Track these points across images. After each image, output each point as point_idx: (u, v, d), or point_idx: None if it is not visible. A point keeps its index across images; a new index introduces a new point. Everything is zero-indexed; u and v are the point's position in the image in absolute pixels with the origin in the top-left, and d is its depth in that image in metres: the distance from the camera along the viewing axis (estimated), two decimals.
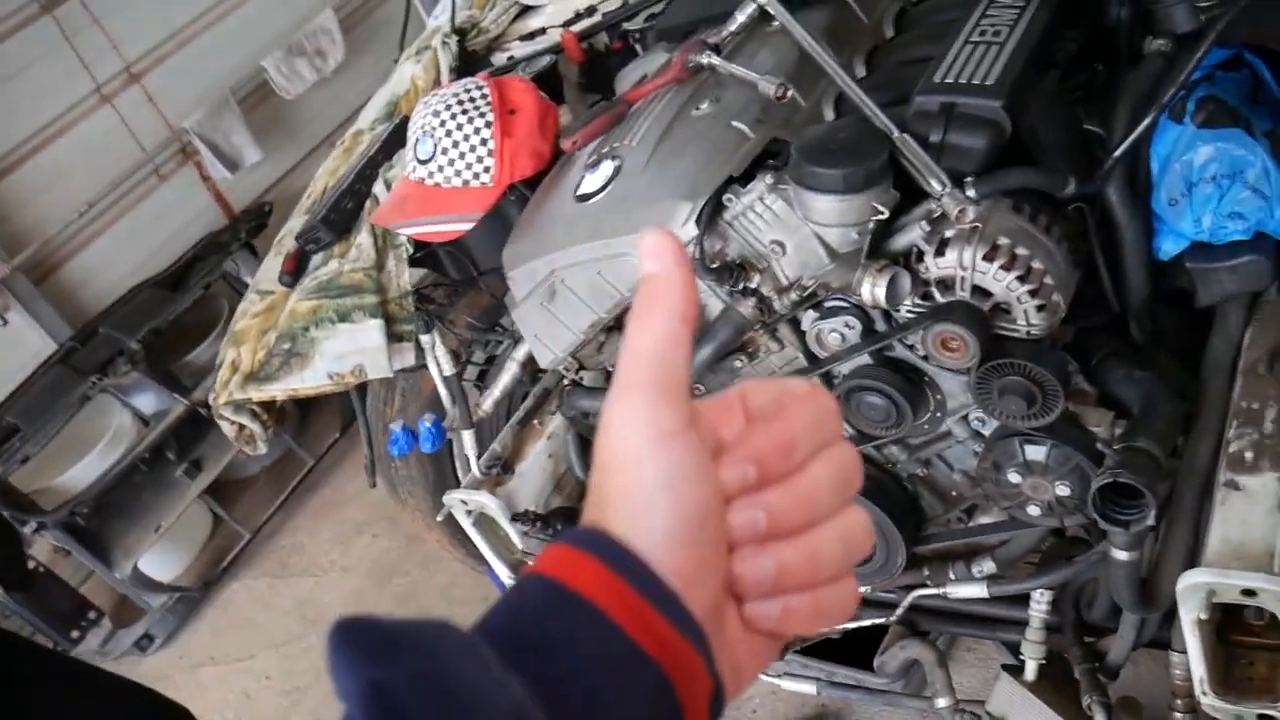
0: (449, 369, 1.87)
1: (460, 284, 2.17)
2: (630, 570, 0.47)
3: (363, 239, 1.95)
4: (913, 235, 1.42)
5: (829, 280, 1.46)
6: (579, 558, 0.48)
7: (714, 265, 1.49)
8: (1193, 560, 1.44)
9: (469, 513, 1.93)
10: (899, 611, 1.76)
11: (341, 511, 3.45)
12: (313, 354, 1.91)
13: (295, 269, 2.03)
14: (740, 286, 1.51)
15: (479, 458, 1.92)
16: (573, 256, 1.61)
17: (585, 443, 1.96)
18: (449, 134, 1.80)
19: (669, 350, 0.51)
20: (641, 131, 1.65)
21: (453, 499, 1.92)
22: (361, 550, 3.27)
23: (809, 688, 1.92)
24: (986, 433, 1.56)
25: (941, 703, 1.75)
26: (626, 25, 2.21)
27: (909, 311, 1.48)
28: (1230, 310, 1.50)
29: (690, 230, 1.48)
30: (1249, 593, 1.18)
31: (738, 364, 1.65)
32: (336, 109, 4.42)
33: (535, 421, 2.01)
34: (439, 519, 1.97)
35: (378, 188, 2.01)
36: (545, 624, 0.47)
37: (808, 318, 1.56)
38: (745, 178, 1.51)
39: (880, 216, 1.41)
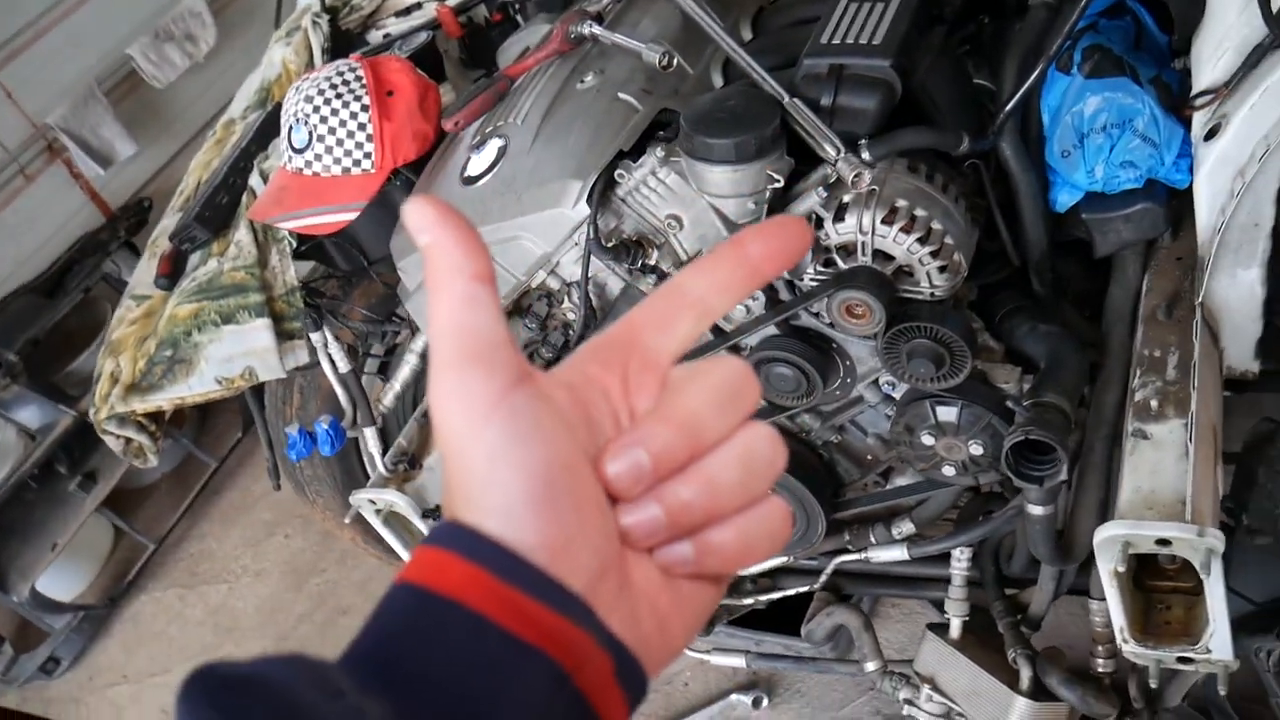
0: (344, 365, 1.79)
1: (351, 275, 2.08)
2: (490, 558, 0.43)
3: (242, 235, 1.85)
4: (810, 202, 1.39)
5: None
6: (438, 556, 0.44)
7: (610, 244, 1.44)
8: (1106, 512, 1.46)
9: (378, 512, 1.86)
10: (822, 578, 1.75)
11: (250, 514, 3.33)
12: (197, 359, 1.81)
13: (172, 271, 1.92)
14: (639, 264, 1.46)
15: (384, 454, 1.85)
16: None
17: None
18: (324, 120, 1.71)
19: (467, 315, 0.46)
20: (526, 108, 1.58)
21: (360, 499, 1.85)
22: (274, 552, 3.17)
23: (737, 660, 1.90)
24: (897, 396, 1.55)
25: (870, 666, 1.75)
26: None
27: (811, 279, 1.45)
28: (1128, 259, 1.50)
29: (582, 210, 1.42)
30: (1163, 542, 1.19)
31: None
32: (212, 96, 4.21)
33: None
34: (347, 520, 1.89)
35: (254, 180, 1.90)
36: (412, 635, 0.43)
37: None
38: (635, 151, 1.46)
39: (775, 185, 1.37)
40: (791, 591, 1.87)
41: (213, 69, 4.15)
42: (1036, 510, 1.41)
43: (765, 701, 2.35)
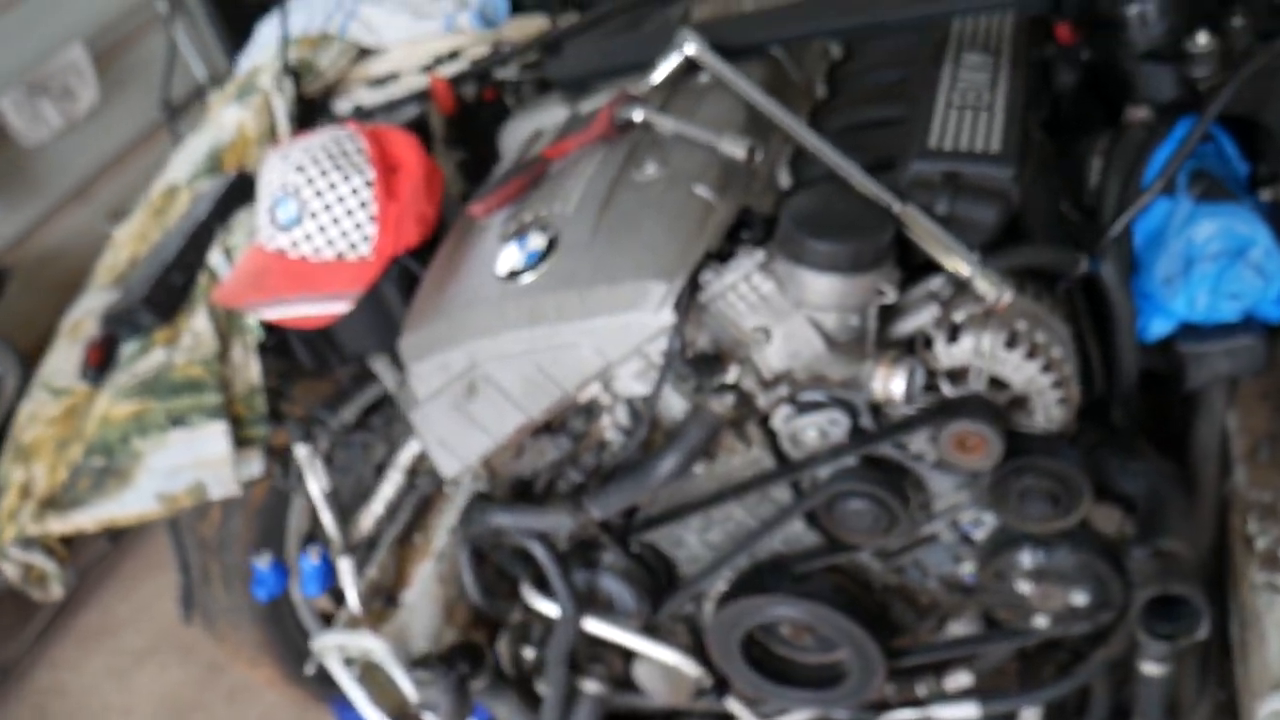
0: (327, 483, 1.51)
1: (316, 375, 1.81)
2: None
3: (199, 324, 1.56)
4: (920, 319, 1.24)
5: (826, 373, 1.25)
6: None
7: (692, 357, 1.25)
8: (1206, 669, 1.34)
9: (348, 661, 1.56)
10: None
11: (115, 639, 2.87)
12: (135, 470, 1.50)
13: (102, 361, 1.60)
14: (716, 381, 1.27)
15: (356, 589, 1.56)
16: (503, 346, 1.32)
17: (481, 558, 1.64)
18: (319, 194, 1.47)
19: None
20: (575, 197, 1.39)
21: (327, 644, 1.55)
22: (147, 686, 2.72)
23: None
24: (976, 536, 1.40)
25: None
26: (498, 73, 1.94)
27: (907, 410, 1.29)
28: (1214, 394, 1.41)
29: (665, 316, 1.23)
30: None
31: (696, 469, 1.41)
32: (89, 158, 3.83)
33: (417, 538, 1.68)
34: (309, 671, 1.58)
35: (215, 259, 1.62)
36: None
37: (780, 415, 1.35)
38: (718, 254, 1.29)
39: (885, 299, 1.22)
40: None
41: (91, 129, 3.77)
42: (1156, 670, 1.28)
43: None
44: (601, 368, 1.29)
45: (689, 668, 1.60)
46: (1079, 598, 1.31)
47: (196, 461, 1.52)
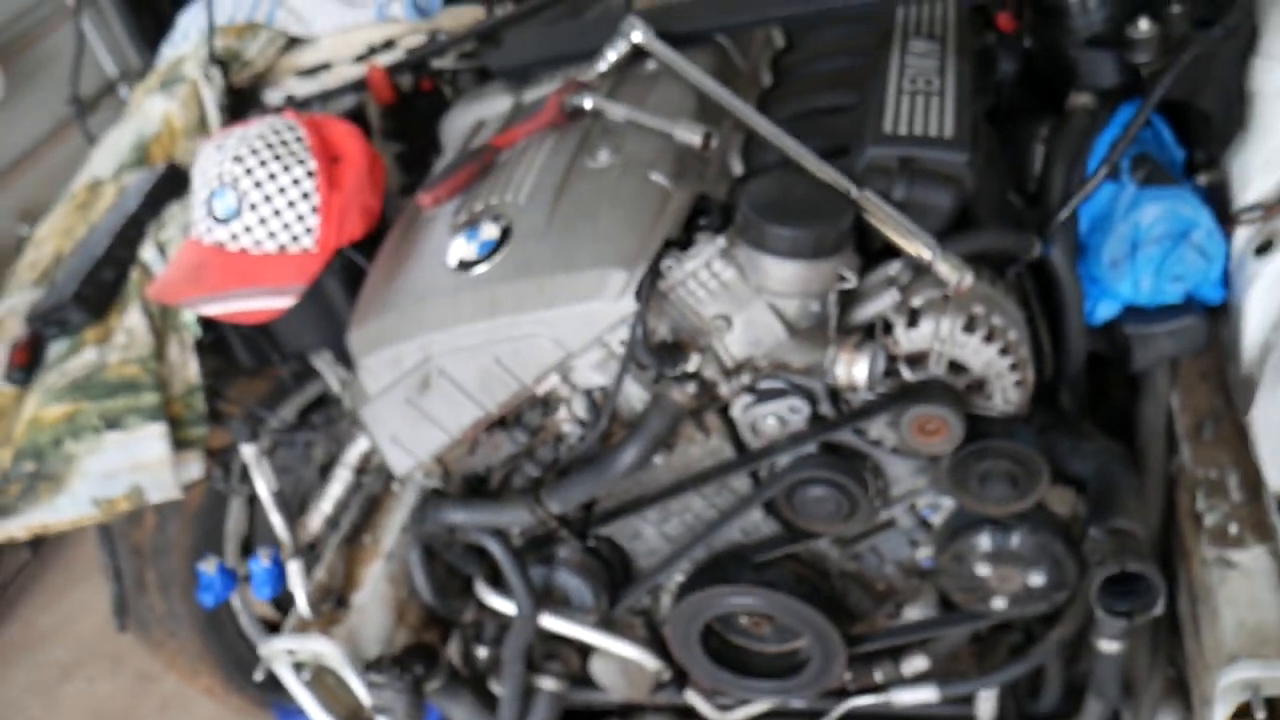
0: (274, 484, 1.46)
1: (253, 374, 1.75)
2: None
3: (133, 320, 1.50)
4: (879, 305, 1.25)
5: (788, 359, 1.25)
6: None
7: (653, 346, 1.23)
8: (1156, 646, 1.37)
9: (298, 665, 1.51)
10: (837, 713, 1.56)
11: (39, 653, 2.75)
12: (69, 475, 1.43)
13: (28, 361, 1.53)
14: (678, 370, 1.26)
15: (305, 591, 1.51)
16: (459, 339, 1.28)
17: (432, 557, 1.60)
18: (258, 185, 1.42)
19: None
20: (526, 186, 1.36)
21: (276, 649, 1.49)
22: (74, 699, 2.61)
23: None
24: (934, 522, 1.41)
25: None
26: (435, 63, 1.91)
27: (868, 395, 1.29)
28: (1159, 375, 1.44)
29: (627, 304, 1.21)
30: None
31: (655, 460, 1.39)
32: None
33: (366, 538, 1.63)
34: (257, 677, 1.53)
35: (148, 254, 1.56)
36: None
37: (739, 403, 1.34)
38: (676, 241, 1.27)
39: (846, 285, 1.22)
40: None
41: None
42: (1110, 647, 1.30)
43: None
44: (561, 359, 1.27)
45: (648, 661, 1.58)
46: (1036, 579, 1.33)
47: (134, 465, 1.45)
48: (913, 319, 1.24)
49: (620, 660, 1.64)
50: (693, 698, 1.63)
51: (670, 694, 1.63)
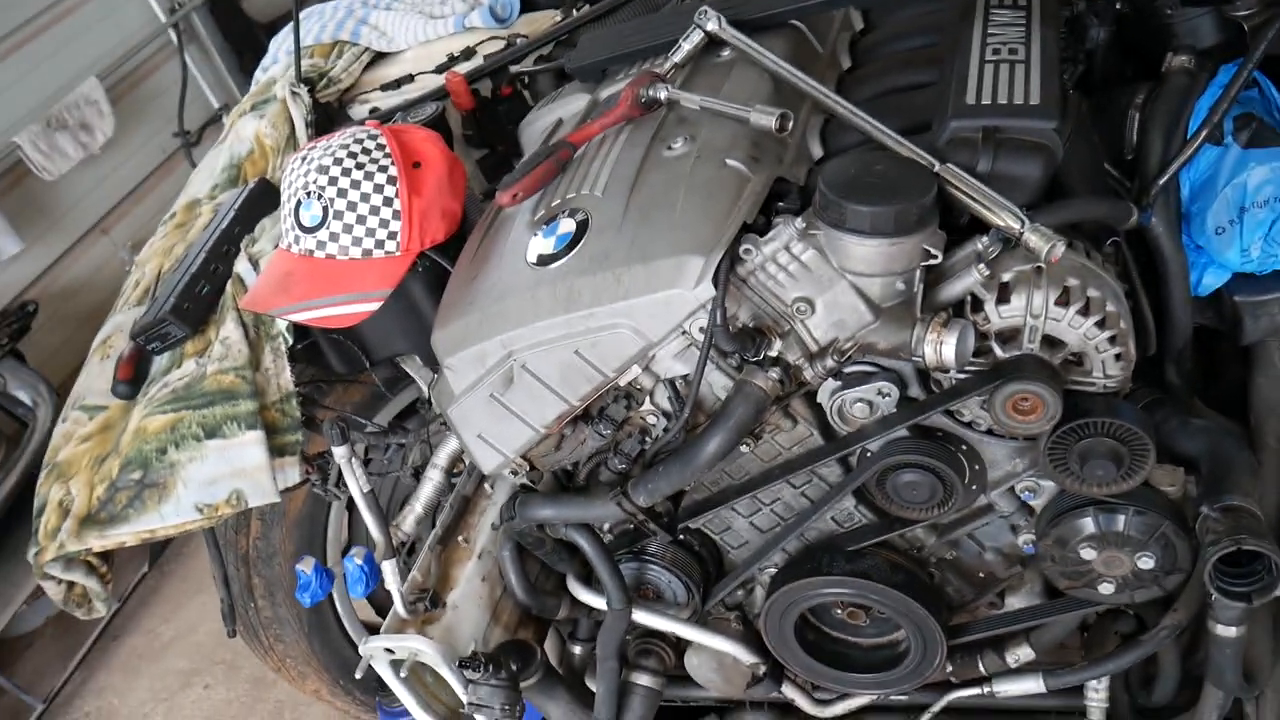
0: (367, 485, 1.48)
1: (345, 380, 1.79)
2: None
3: (229, 332, 1.54)
4: (967, 281, 1.21)
5: (874, 341, 1.22)
6: None
7: (734, 332, 1.21)
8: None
9: (395, 663, 1.53)
10: (939, 706, 1.52)
11: (160, 661, 2.86)
12: (173, 482, 1.48)
13: (134, 375, 1.59)
14: (761, 355, 1.24)
15: (400, 591, 1.53)
16: (539, 334, 1.29)
17: (524, 556, 1.61)
18: (342, 194, 1.45)
19: None
20: (602, 179, 1.36)
21: (375, 647, 1.52)
22: (192, 707, 2.71)
23: None
24: (1035, 505, 1.36)
25: None
26: (513, 69, 1.92)
27: (960, 372, 1.25)
28: (1272, 347, 1.37)
29: (705, 291, 1.19)
30: None
31: (743, 448, 1.38)
32: (108, 189, 3.85)
33: (460, 539, 1.65)
34: (358, 675, 1.56)
35: (241, 267, 1.61)
36: None
37: (825, 389, 1.31)
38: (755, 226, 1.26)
39: (933, 261, 1.18)
40: None
41: (109, 161, 3.80)
42: (1228, 632, 1.23)
43: None
44: (641, 349, 1.26)
45: (743, 656, 1.56)
46: (1145, 562, 1.27)
47: (234, 471, 1.50)
48: (1003, 294, 1.20)
49: (715, 656, 1.63)
50: (791, 692, 1.61)
51: (767, 688, 1.60)
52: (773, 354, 1.25)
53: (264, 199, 1.72)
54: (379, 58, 2.12)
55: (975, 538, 1.44)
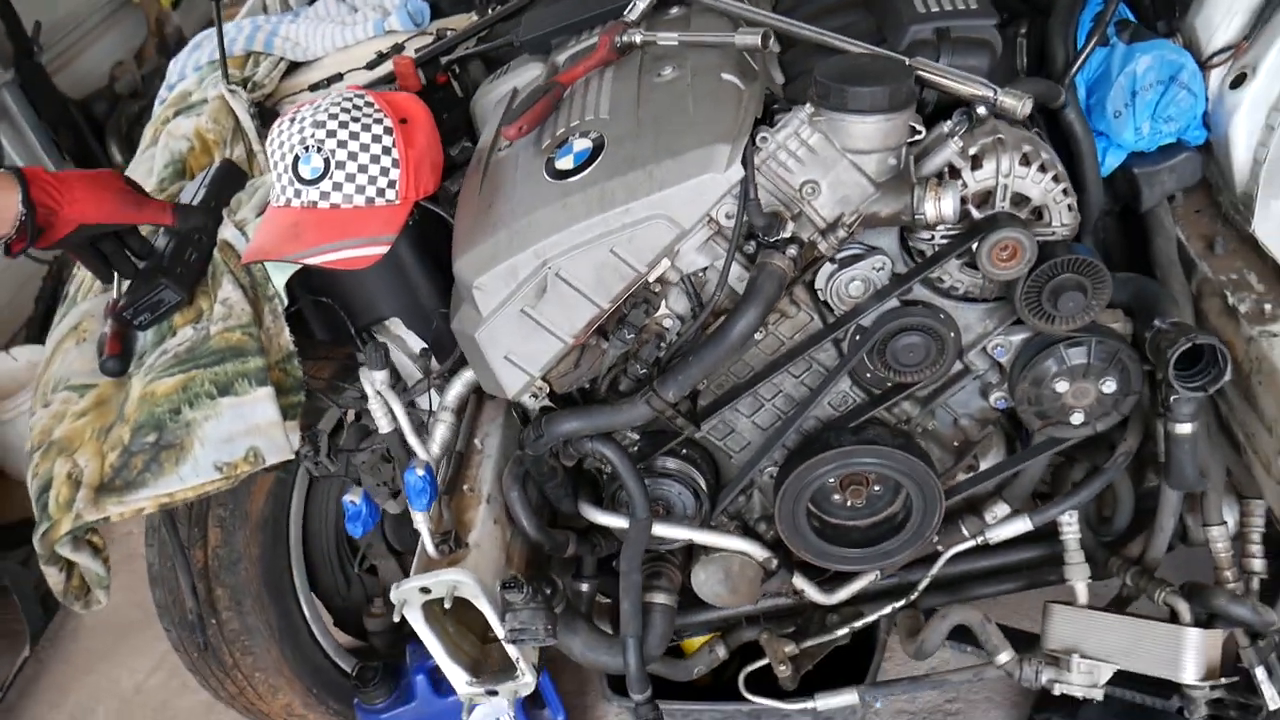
0: (401, 407, 1.51)
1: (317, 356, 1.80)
2: None
3: (229, 293, 1.54)
4: (945, 154, 1.41)
5: (877, 210, 1.39)
6: None
7: (762, 210, 1.36)
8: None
9: (428, 604, 1.54)
10: (935, 570, 1.68)
11: None
12: (190, 441, 1.45)
13: (122, 350, 1.55)
14: (778, 237, 1.39)
15: (430, 531, 1.55)
16: (574, 237, 1.39)
17: (529, 488, 1.66)
18: (342, 145, 1.50)
19: None
20: (605, 105, 1.50)
21: (409, 589, 1.52)
22: None
23: (851, 697, 1.75)
24: (1004, 361, 1.56)
25: (1003, 658, 1.67)
26: (443, 59, 2.02)
27: (942, 237, 1.45)
28: (1162, 214, 1.64)
29: (735, 173, 1.34)
30: None
31: (756, 335, 1.52)
32: None
33: (465, 488, 1.68)
34: (396, 618, 1.54)
35: (228, 233, 1.61)
36: None
37: (824, 273, 1.48)
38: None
39: (918, 136, 1.38)
40: (875, 616, 1.77)
41: None
42: (1185, 429, 1.46)
43: None
44: (674, 238, 1.38)
45: (757, 551, 1.67)
46: (1109, 385, 1.49)
47: (249, 428, 1.49)
48: (976, 162, 1.41)
49: (722, 568, 1.73)
50: (800, 582, 1.72)
51: (781, 579, 1.71)
52: (787, 235, 1.40)
53: (230, 178, 1.73)
54: (295, 66, 2.17)
55: (950, 406, 1.63)
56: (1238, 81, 1.55)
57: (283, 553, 2.02)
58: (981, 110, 1.39)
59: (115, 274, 1.63)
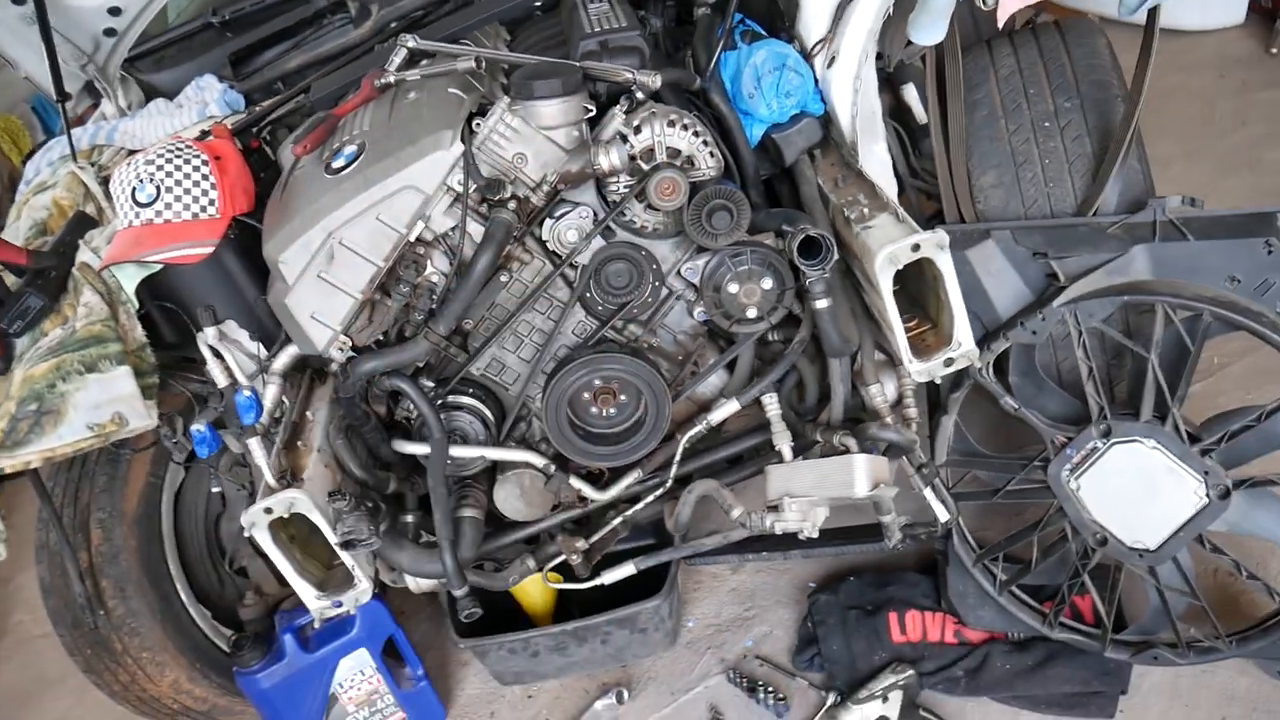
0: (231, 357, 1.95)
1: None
2: None
3: (89, 298, 1.96)
4: (615, 124, 1.95)
5: (569, 169, 1.92)
6: None
7: (481, 183, 1.87)
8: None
9: (274, 522, 1.93)
10: (678, 454, 2.14)
11: None
12: (65, 408, 1.85)
13: (4, 353, 1.95)
14: (499, 196, 1.90)
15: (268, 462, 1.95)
16: (349, 211, 1.87)
17: (355, 441, 2.08)
18: (169, 175, 1.97)
19: None
20: (367, 123, 2.00)
21: (255, 511, 1.91)
22: None
23: (628, 568, 2.18)
24: (695, 280, 2.08)
25: (736, 512, 2.12)
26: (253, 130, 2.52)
27: (625, 186, 1.98)
28: (803, 166, 2.22)
29: (458, 147, 1.85)
30: (915, 247, 1.82)
31: (503, 278, 2.01)
32: None
33: (299, 444, 2.09)
34: (245, 534, 1.92)
35: (86, 256, 2.04)
36: None
37: (546, 227, 1.99)
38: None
39: (590, 113, 1.93)
40: (643, 505, 2.22)
41: None
42: (824, 303, 1.98)
43: (627, 694, 2.57)
44: (422, 203, 1.87)
45: (535, 459, 2.12)
46: (767, 283, 2.01)
47: (113, 398, 1.89)
48: (638, 129, 1.95)
49: (517, 484, 2.17)
50: (577, 483, 2.17)
51: (559, 480, 2.15)
52: (507, 195, 1.91)
53: (82, 224, 2.16)
54: (133, 153, 2.62)
55: (668, 326, 2.14)
56: (830, 63, 2.15)
57: (158, 546, 2.37)
58: (640, 95, 1.95)
59: None
